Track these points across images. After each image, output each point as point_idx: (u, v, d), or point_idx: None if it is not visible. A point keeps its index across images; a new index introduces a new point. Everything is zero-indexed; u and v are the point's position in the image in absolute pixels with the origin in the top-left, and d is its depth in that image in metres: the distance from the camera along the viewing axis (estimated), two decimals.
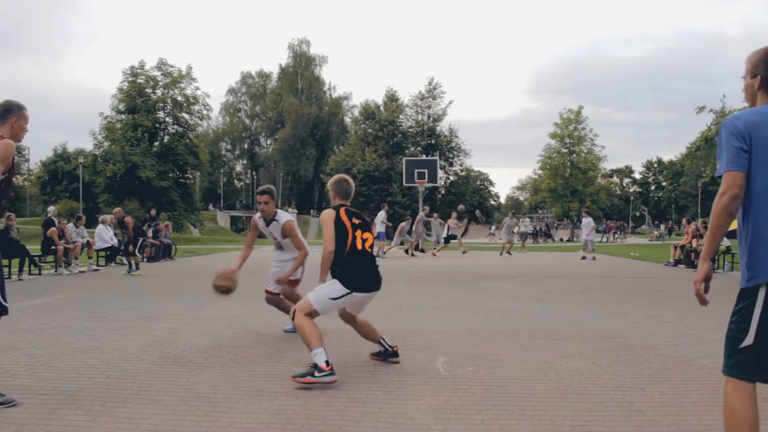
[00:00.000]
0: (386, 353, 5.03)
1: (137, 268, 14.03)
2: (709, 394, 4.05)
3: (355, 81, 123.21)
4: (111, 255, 16.64)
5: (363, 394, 4.11)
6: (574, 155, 63.13)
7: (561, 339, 6.06)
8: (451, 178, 59.00)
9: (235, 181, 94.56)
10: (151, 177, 40.11)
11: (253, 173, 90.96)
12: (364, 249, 4.68)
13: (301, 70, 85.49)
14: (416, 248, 22.39)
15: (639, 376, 4.60)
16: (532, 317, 7.49)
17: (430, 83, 58.10)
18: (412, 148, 56.32)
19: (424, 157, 46.87)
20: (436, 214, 26.78)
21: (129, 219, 14.81)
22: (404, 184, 31.18)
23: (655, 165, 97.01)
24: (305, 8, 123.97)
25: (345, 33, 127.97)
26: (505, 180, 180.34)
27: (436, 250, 22.28)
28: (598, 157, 63.31)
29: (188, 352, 5.42)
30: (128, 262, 14.18)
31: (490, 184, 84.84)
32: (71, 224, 15.52)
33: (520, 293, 10.16)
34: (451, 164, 58.61)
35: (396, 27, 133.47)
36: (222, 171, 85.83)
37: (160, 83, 42.95)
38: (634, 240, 52.29)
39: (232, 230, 67.61)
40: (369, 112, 57.87)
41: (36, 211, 60.88)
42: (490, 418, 3.62)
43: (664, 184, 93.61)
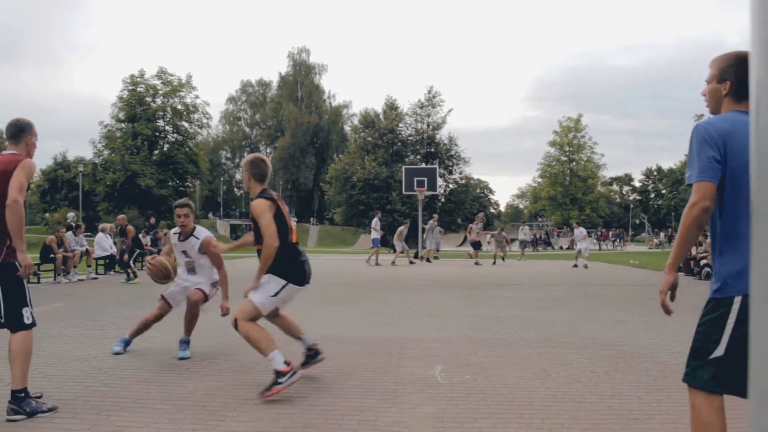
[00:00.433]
0: (309, 355, 4.78)
1: (135, 276, 14.00)
2: None
3: (354, 89, 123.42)
4: (110, 263, 16.62)
5: (359, 402, 4.10)
6: (574, 163, 63.31)
7: (559, 347, 6.05)
8: (451, 186, 58.93)
9: (235, 190, 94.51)
10: (151, 185, 40.22)
11: None
12: (296, 241, 4.47)
13: (301, 78, 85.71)
14: (416, 256, 22.35)
15: (637, 384, 4.59)
16: (531, 325, 7.48)
17: (429, 91, 57.88)
18: (411, 157, 56.31)
19: (423, 165, 46.85)
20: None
21: (131, 228, 14.81)
22: (404, 192, 31.17)
23: (655, 173, 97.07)
24: (305, 17, 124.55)
25: (345, 41, 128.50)
26: (505, 188, 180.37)
27: (476, 259, 21.92)
28: (598, 165, 63.56)
29: (185, 360, 5.42)
30: (126, 272, 14.15)
31: (490, 192, 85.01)
32: (70, 233, 15.51)
33: (519, 301, 10.15)
34: (450, 172, 58.50)
35: (395, 35, 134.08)
36: (222, 179, 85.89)
37: (160, 92, 43.15)
38: (633, 248, 52.24)
39: (231, 238, 67.55)
40: (368, 121, 57.90)
41: (35, 220, 60.83)
42: (487, 426, 3.61)
43: (663, 191, 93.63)
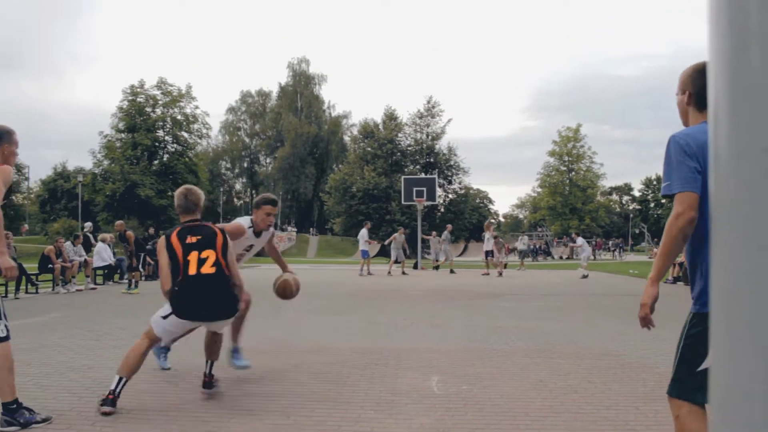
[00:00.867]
0: (205, 380, 4.58)
1: (136, 286, 13.98)
2: None
3: (354, 99, 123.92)
4: (109, 273, 16.62)
5: (356, 413, 4.08)
6: (573, 173, 63.43)
7: (557, 357, 6.03)
8: (450, 196, 59.02)
9: (235, 200, 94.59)
10: (150, 195, 40.28)
11: (253, 192, 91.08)
12: (199, 273, 4.11)
13: (301, 88, 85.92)
14: (415, 266, 22.30)
15: (634, 394, 4.58)
16: (529, 335, 7.46)
17: (428, 102, 58.31)
18: (411, 167, 56.42)
19: (422, 175, 46.88)
20: (434, 232, 26.78)
21: (131, 233, 14.81)
22: (403, 202, 31.22)
23: (654, 182, 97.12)
24: (305, 27, 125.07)
25: (344, 51, 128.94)
26: (505, 198, 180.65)
27: (497, 270, 21.64)
28: (597, 174, 63.72)
29: (181, 370, 5.39)
30: (128, 280, 14.15)
31: (490, 202, 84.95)
32: (69, 242, 15.51)
33: (517, 311, 10.13)
34: (450, 182, 58.67)
35: (395, 46, 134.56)
36: (221, 189, 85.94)
37: (160, 102, 43.31)
38: (633, 257, 52.24)
39: None
40: (368, 131, 58.07)
41: (35, 230, 60.84)
42: None
43: (663, 201, 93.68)
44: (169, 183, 43.02)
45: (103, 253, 16.15)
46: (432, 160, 57.13)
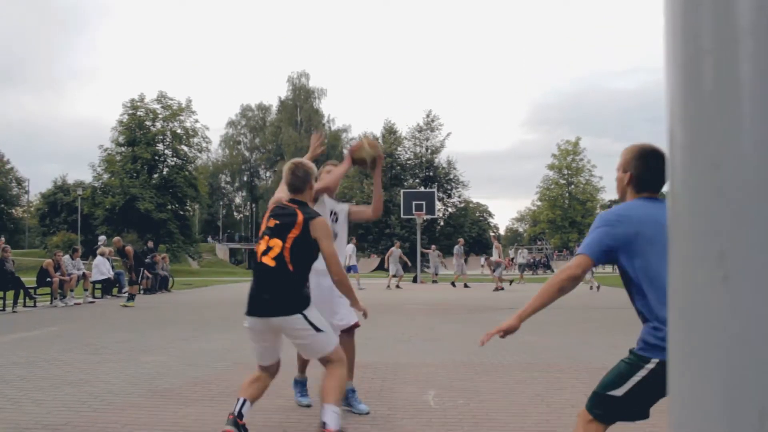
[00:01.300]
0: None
1: (132, 299, 13.96)
2: None
3: (353, 113, 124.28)
4: (107, 287, 16.60)
5: (351, 427, 4.06)
6: (573, 186, 63.55)
7: (554, 371, 6.02)
8: (450, 209, 59.09)
9: (235, 213, 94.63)
10: (150, 209, 40.28)
11: (253, 205, 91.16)
12: (261, 261, 3.60)
13: (301, 102, 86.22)
14: (414, 280, 22.28)
15: None
16: (526, 349, 7.43)
17: (428, 115, 58.52)
18: (410, 180, 56.54)
19: (422, 189, 46.97)
20: (434, 246, 26.78)
21: (129, 248, 14.81)
22: (402, 216, 31.26)
23: None
24: (305, 41, 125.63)
25: (344, 65, 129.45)
26: (505, 211, 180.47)
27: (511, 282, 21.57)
28: (597, 188, 63.82)
29: (177, 385, 5.38)
30: (128, 293, 14.15)
31: (489, 215, 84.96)
32: (67, 256, 15.51)
33: None
34: (449, 196, 58.73)
35: (395, 59, 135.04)
36: (221, 203, 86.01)
37: (160, 116, 43.44)
38: None
39: (231, 262, 67.53)
40: None
41: (34, 243, 60.79)
42: None
43: None
44: (168, 197, 43.05)
45: (101, 267, 16.14)
46: (431, 173, 57.24)
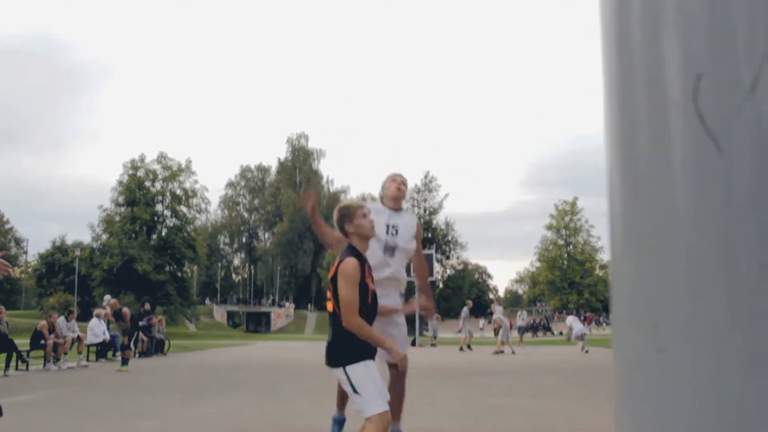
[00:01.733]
0: None
1: (126, 363, 13.75)
2: None
3: (352, 174, 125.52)
4: (102, 350, 16.38)
5: None
6: (571, 246, 63.56)
7: None
8: (449, 271, 58.94)
9: (233, 275, 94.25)
10: (148, 270, 40.14)
11: (251, 267, 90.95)
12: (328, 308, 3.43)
13: (300, 163, 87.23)
14: (413, 344, 22.00)
15: None
16: (525, 414, 7.31)
17: (426, 176, 59.07)
18: None
19: None
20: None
21: (126, 310, 14.69)
22: None
23: None
24: (304, 103, 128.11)
25: (343, 126, 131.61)
26: (504, 273, 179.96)
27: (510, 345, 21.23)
28: (595, 248, 63.77)
29: None
30: (121, 357, 13.93)
31: (488, 277, 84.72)
32: (62, 318, 15.38)
33: (515, 389, 9.96)
34: (448, 257, 58.67)
35: (393, 120, 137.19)
36: (219, 264, 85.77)
37: (160, 176, 43.87)
38: None
39: (228, 325, 66.76)
40: None
41: (31, 304, 60.28)
42: None
43: None
44: (166, 258, 43.02)
45: (95, 329, 15.97)
46: (430, 235, 57.35)
